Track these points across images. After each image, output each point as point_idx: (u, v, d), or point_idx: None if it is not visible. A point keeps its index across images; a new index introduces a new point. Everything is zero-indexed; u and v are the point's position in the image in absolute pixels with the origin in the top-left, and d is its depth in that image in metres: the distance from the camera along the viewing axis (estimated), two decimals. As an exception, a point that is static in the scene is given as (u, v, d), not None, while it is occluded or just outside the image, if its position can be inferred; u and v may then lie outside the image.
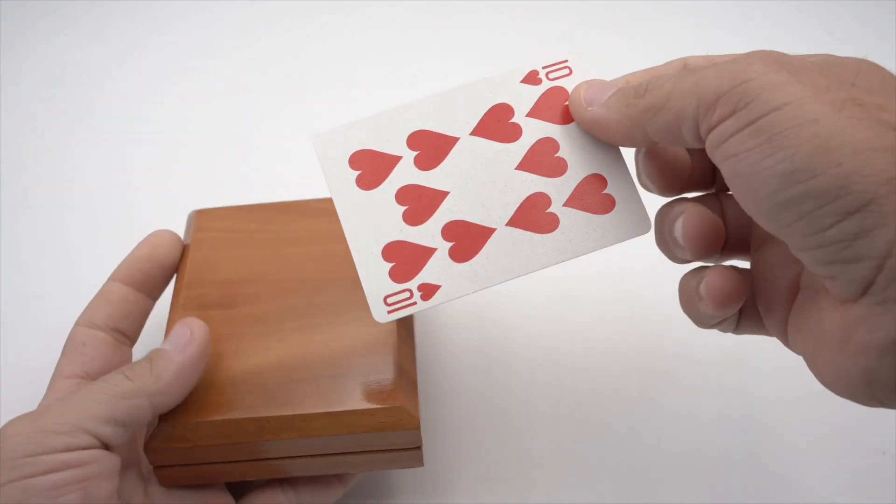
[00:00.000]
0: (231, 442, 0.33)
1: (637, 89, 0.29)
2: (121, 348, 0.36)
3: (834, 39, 0.62)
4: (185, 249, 0.39)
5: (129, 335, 0.36)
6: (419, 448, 0.34)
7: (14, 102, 0.57)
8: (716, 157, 0.27)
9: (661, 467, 0.40)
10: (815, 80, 0.25)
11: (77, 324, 0.36)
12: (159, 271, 0.38)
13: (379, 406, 0.33)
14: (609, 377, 0.43)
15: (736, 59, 0.27)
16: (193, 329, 0.33)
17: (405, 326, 0.37)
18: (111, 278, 0.37)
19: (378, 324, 0.30)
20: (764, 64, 0.26)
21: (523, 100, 0.33)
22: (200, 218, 0.40)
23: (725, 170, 0.26)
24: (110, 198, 0.52)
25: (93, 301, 0.36)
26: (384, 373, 0.34)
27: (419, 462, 0.35)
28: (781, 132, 0.24)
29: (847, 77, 0.26)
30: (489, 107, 0.33)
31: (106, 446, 0.30)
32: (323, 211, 0.40)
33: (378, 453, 0.34)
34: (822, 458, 0.40)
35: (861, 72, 0.26)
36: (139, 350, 0.37)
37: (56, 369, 0.34)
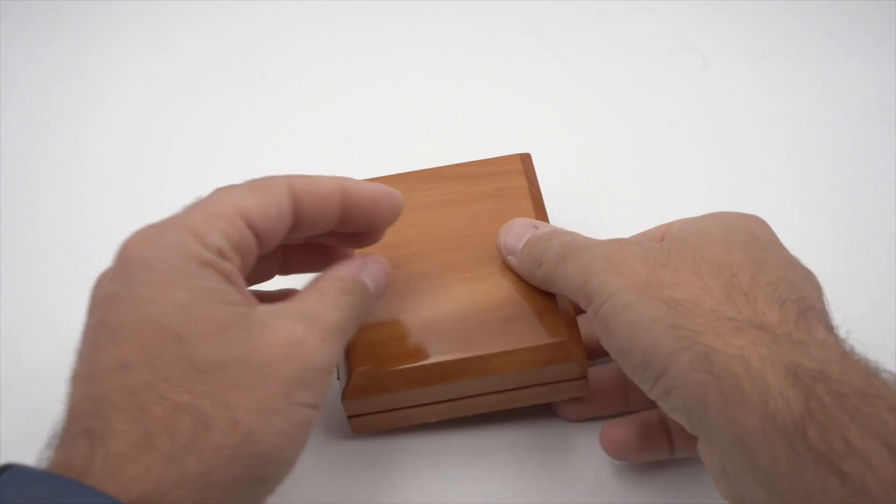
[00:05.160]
0: (418, 385, 0.36)
1: (534, 259, 0.36)
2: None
3: (833, 39, 0.62)
4: None
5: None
6: (585, 378, 0.37)
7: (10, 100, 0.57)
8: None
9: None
10: (634, 269, 0.31)
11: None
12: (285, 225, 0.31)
13: (549, 341, 0.36)
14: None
15: (587, 251, 0.33)
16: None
17: None
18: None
19: None
20: (600, 264, 0.32)
21: None
22: None
23: None
24: (109, 197, 0.52)
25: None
26: (549, 312, 0.37)
27: (585, 390, 0.37)
28: (609, 319, 0.31)
29: (660, 259, 0.31)
30: None
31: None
32: (460, 174, 0.43)
33: (549, 385, 0.37)
34: None
35: (672, 251, 0.32)
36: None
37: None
